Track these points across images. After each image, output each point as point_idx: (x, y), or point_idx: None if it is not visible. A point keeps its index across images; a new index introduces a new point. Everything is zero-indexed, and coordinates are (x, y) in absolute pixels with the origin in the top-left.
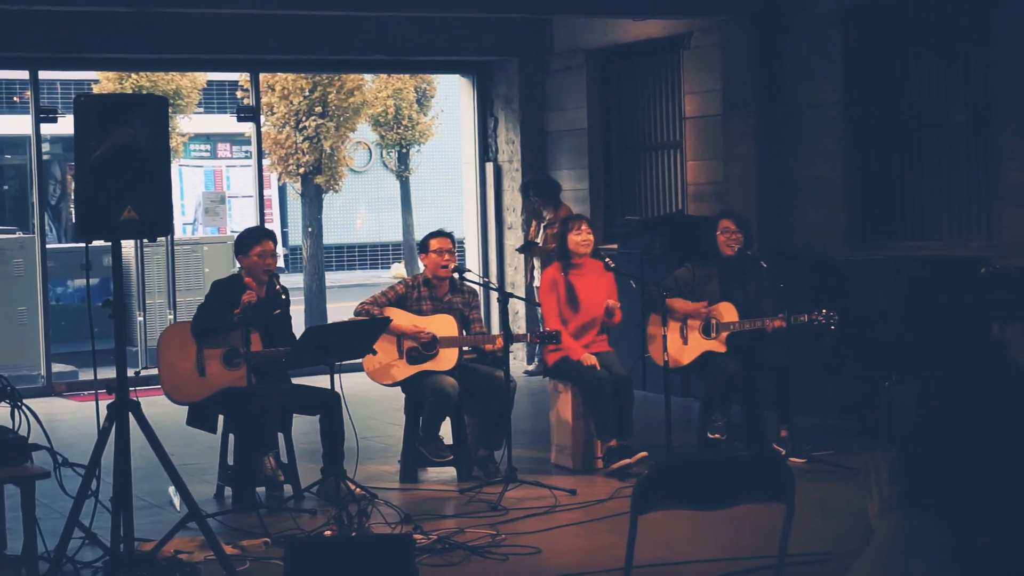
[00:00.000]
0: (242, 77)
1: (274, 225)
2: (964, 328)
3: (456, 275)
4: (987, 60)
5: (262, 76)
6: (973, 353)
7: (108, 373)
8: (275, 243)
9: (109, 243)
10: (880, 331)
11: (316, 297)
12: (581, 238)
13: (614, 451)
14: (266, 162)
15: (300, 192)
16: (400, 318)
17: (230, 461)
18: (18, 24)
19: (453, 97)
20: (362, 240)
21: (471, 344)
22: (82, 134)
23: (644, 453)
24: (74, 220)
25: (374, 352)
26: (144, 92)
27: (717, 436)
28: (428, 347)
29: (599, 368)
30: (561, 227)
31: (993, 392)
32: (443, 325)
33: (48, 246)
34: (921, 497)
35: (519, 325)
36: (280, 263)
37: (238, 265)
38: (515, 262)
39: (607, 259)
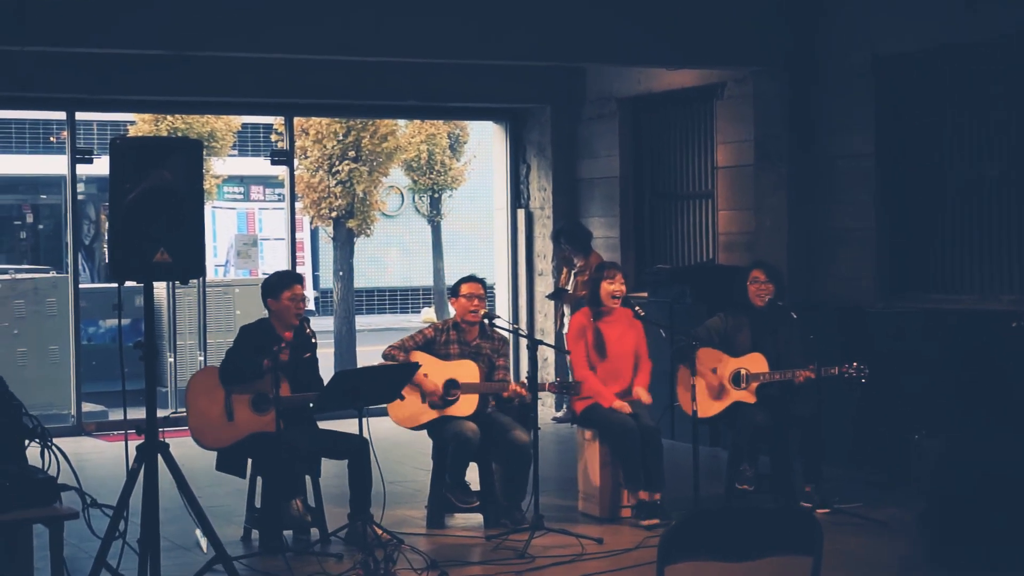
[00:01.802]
0: (276, 121)
1: (305, 268)
2: (995, 382)
3: (486, 321)
4: (1020, 113)
5: (296, 120)
6: (1003, 409)
7: (138, 414)
8: (303, 286)
9: (142, 284)
10: (910, 384)
11: (346, 340)
12: (614, 287)
13: (644, 505)
14: (299, 205)
15: (332, 236)
16: (425, 363)
17: (258, 504)
18: (56, 65)
19: (486, 143)
20: (392, 284)
21: (490, 391)
22: (117, 176)
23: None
24: (107, 261)
25: (402, 397)
26: (179, 134)
27: (745, 487)
28: (447, 392)
29: (630, 413)
30: (595, 273)
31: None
32: (464, 370)
33: (81, 286)
34: (945, 558)
35: (548, 372)
36: (311, 306)
37: (266, 311)
38: (545, 309)
39: (636, 307)
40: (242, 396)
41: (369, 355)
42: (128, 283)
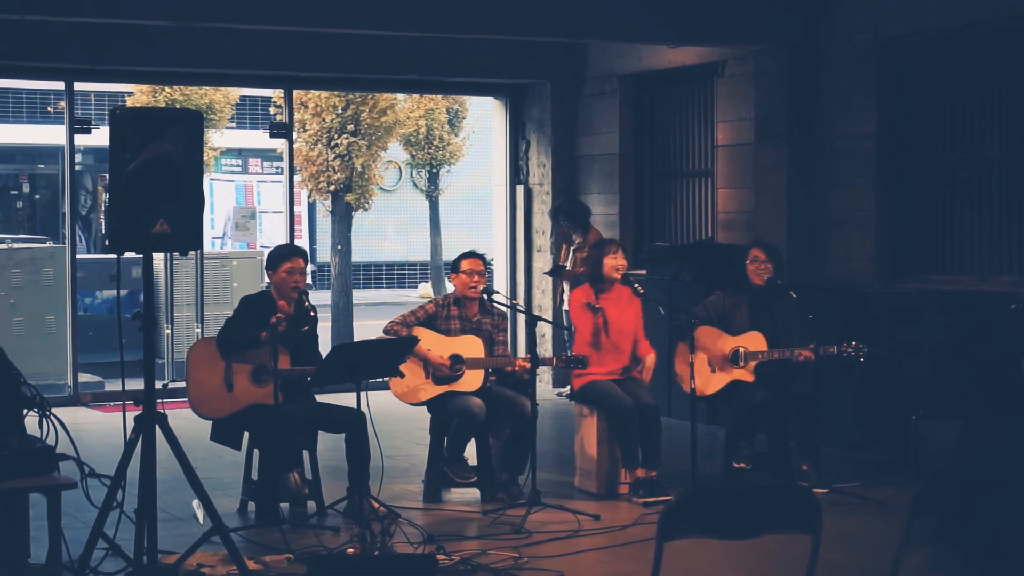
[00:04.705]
0: (275, 93)
1: (303, 242)
2: (992, 363)
3: (484, 296)
4: (1022, 95)
5: (295, 93)
6: (1001, 389)
7: (134, 384)
8: (305, 261)
9: (140, 255)
10: (909, 365)
11: (343, 314)
12: (616, 262)
13: (641, 482)
14: (297, 178)
15: (330, 209)
16: (427, 338)
17: (254, 476)
18: (55, 35)
19: (485, 119)
20: (390, 259)
21: (495, 366)
22: (117, 147)
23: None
24: (105, 232)
25: (401, 375)
26: (177, 106)
27: (742, 465)
28: (453, 368)
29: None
30: (595, 250)
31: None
32: (470, 346)
33: (77, 256)
34: (952, 535)
35: (546, 348)
36: (308, 280)
37: (267, 281)
38: (543, 285)
39: (636, 284)
40: (242, 367)
41: (366, 329)
42: (127, 254)
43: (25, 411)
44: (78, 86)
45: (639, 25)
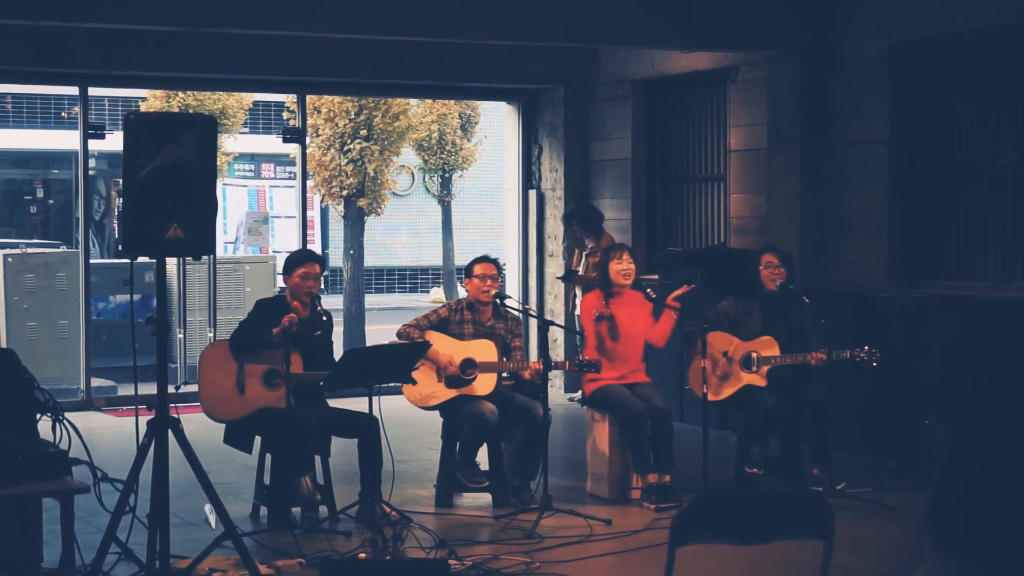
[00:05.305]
0: (289, 98)
1: (315, 246)
2: (1004, 369)
3: (497, 300)
4: None
5: (308, 98)
6: (1013, 395)
7: (147, 389)
8: (322, 267)
9: (153, 260)
10: (921, 370)
11: (355, 319)
12: (622, 267)
13: (654, 488)
14: (309, 183)
15: (342, 214)
16: (440, 342)
17: (266, 481)
18: (69, 40)
19: (497, 123)
20: (402, 264)
21: (508, 370)
22: (131, 152)
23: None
24: (118, 237)
25: (413, 382)
26: (191, 111)
27: (755, 470)
28: (464, 371)
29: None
30: (603, 256)
31: None
32: (482, 350)
33: (91, 261)
34: (956, 545)
35: (558, 353)
36: (320, 285)
37: (282, 285)
38: (555, 290)
39: (648, 289)
40: (254, 370)
41: (378, 334)
42: (140, 258)
43: (38, 415)
44: (92, 91)
45: (652, 30)
